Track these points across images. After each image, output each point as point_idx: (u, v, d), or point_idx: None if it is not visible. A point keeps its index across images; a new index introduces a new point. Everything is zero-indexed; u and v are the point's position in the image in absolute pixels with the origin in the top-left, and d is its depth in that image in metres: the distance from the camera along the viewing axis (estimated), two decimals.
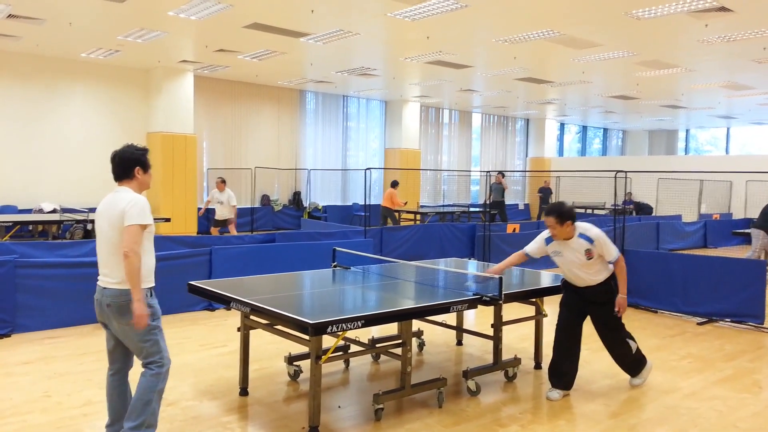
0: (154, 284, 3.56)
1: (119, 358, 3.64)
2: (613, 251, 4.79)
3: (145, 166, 3.62)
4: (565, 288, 5.06)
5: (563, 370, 4.89)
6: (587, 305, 4.95)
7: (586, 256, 4.76)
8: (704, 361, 5.86)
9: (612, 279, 4.90)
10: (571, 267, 4.83)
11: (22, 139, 13.71)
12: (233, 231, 12.43)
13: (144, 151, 3.63)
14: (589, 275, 4.81)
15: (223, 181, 12.45)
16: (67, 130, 14.34)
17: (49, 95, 14.06)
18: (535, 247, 5.00)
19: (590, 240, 4.74)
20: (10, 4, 9.57)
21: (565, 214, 4.71)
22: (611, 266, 4.87)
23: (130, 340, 3.49)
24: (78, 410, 4.22)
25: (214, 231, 12.55)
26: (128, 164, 3.55)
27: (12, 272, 6.14)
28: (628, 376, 5.21)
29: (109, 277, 3.45)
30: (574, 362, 4.93)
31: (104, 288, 3.46)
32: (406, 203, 15.73)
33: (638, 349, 5.13)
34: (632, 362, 5.12)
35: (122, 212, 3.39)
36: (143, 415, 3.44)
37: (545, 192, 21.26)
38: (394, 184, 15.43)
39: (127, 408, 3.57)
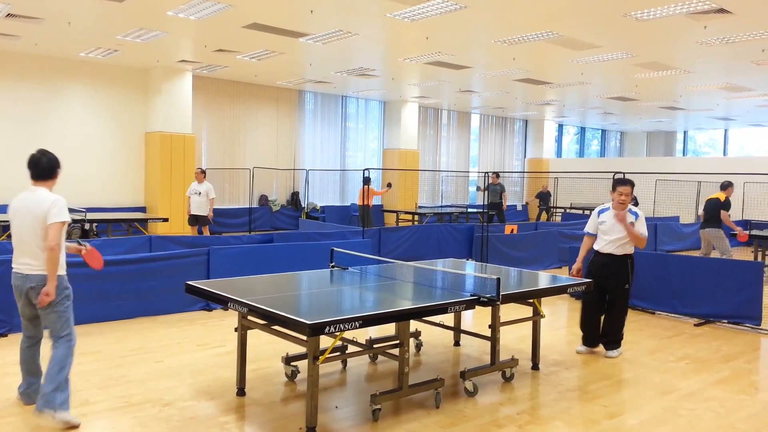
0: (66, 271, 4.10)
1: (33, 329, 4.23)
2: (645, 230, 5.90)
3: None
4: (591, 263, 6.05)
5: (588, 330, 6.02)
6: (605, 279, 5.88)
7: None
8: (701, 362, 5.87)
9: (629, 260, 5.91)
10: (610, 234, 5.88)
11: (20, 138, 13.68)
12: (206, 231, 11.60)
13: None
14: (619, 244, 5.85)
15: (203, 172, 11.77)
16: (65, 130, 14.32)
17: (48, 95, 14.05)
18: (590, 223, 6.13)
19: (636, 215, 5.87)
20: (9, 3, 9.55)
21: (633, 187, 5.97)
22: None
23: (49, 316, 4.05)
24: (76, 410, 4.20)
25: (193, 230, 11.66)
26: (54, 165, 4.12)
27: (8, 271, 6.08)
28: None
29: (33, 265, 4.01)
30: (596, 323, 6.00)
31: (27, 275, 4.03)
32: (388, 188, 15.77)
33: (623, 333, 6.01)
34: (615, 336, 5.96)
35: (46, 211, 3.94)
36: (58, 379, 3.95)
37: (544, 196, 21.19)
38: (367, 181, 14.40)
39: (38, 371, 4.25)
